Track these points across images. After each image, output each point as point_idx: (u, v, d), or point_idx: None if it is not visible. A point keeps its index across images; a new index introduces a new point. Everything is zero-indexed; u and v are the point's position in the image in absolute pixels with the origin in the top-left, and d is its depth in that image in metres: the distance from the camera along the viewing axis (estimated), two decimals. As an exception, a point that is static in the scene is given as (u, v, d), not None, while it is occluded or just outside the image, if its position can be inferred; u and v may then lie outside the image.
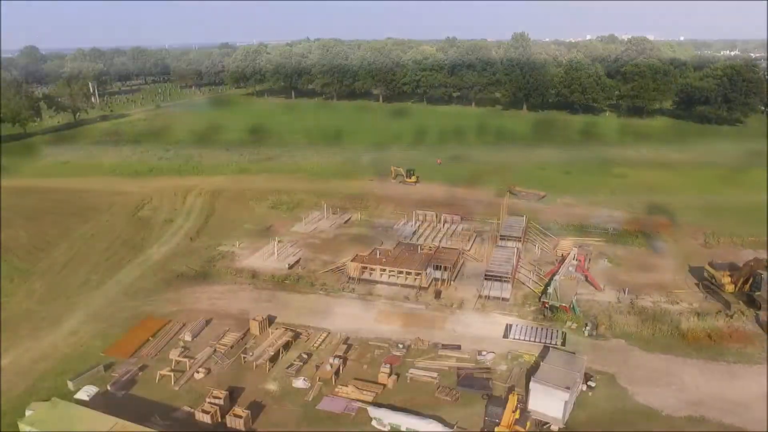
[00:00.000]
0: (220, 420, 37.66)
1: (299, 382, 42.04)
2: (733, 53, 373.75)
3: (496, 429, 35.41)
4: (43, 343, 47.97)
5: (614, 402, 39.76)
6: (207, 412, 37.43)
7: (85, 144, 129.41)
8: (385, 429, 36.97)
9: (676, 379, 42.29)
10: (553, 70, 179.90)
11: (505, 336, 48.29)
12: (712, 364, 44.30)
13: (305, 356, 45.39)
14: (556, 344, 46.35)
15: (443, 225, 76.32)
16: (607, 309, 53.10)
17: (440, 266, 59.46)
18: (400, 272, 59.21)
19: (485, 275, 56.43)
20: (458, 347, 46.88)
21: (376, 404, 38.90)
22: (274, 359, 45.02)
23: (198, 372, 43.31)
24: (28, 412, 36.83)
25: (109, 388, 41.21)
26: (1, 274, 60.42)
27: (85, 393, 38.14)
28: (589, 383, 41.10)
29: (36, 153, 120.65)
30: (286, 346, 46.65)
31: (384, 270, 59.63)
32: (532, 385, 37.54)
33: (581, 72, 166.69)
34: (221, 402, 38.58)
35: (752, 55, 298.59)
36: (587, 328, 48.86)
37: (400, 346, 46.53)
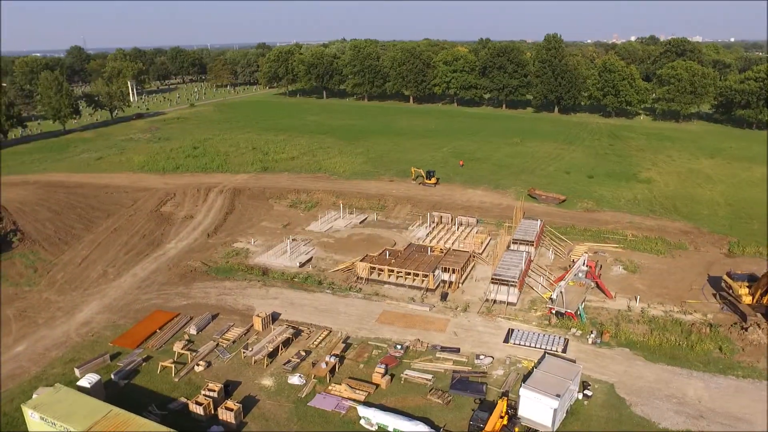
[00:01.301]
0: (212, 412, 38.50)
1: (294, 379, 42.53)
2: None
3: (479, 434, 35.09)
4: (56, 331, 49.99)
5: (609, 412, 38.73)
6: (200, 404, 38.28)
7: (119, 141, 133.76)
8: (373, 429, 37.10)
9: (678, 391, 40.87)
10: (586, 72, 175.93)
11: (506, 341, 47.70)
12: (719, 377, 42.66)
13: (303, 353, 45.88)
14: (557, 351, 45.51)
15: (458, 227, 75.92)
16: (615, 317, 51.86)
17: (449, 269, 59.27)
18: (408, 273, 59.23)
19: (492, 279, 55.78)
20: (457, 350, 46.57)
21: (367, 404, 39.03)
22: (273, 355, 45.74)
23: (198, 365, 44.33)
24: (34, 396, 38.63)
25: (112, 377, 42.67)
26: (26, 266, 63.21)
27: (87, 381, 39.55)
28: (586, 392, 40.24)
29: (71, 149, 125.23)
30: (286, 343, 47.24)
31: (392, 271, 59.76)
32: (521, 391, 37.01)
33: (615, 74, 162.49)
34: (215, 395, 39.45)
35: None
36: (591, 335, 47.81)
37: (399, 347, 46.46)
